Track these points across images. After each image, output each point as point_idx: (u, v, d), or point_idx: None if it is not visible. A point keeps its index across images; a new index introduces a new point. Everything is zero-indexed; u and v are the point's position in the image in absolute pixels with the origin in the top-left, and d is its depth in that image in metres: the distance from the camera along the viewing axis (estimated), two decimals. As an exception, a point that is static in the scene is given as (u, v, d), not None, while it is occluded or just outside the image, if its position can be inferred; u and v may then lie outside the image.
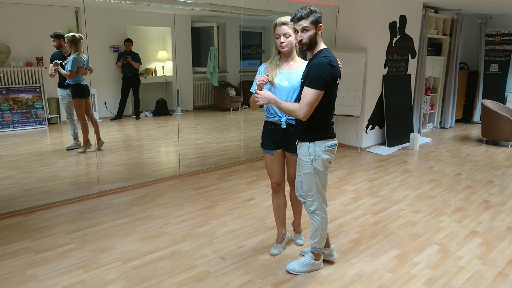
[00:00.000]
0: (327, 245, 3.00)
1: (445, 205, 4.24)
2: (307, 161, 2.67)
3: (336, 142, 2.71)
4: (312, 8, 2.52)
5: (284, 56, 2.87)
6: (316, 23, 2.52)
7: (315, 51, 2.59)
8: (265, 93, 2.59)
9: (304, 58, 2.98)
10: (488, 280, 2.87)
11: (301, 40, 2.54)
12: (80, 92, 4.74)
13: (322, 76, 2.46)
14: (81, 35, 4.54)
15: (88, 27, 4.28)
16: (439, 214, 4.00)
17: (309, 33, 2.52)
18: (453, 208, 4.17)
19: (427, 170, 5.45)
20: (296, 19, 2.52)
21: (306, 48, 2.59)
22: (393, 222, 3.80)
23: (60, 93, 4.77)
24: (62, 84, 4.74)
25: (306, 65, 2.65)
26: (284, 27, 2.73)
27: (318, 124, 2.63)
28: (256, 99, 2.61)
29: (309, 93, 2.48)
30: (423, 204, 4.24)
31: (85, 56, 4.62)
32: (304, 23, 2.50)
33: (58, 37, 4.51)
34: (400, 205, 4.20)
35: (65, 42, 4.52)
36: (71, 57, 4.53)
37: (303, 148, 2.68)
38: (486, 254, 3.22)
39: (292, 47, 2.81)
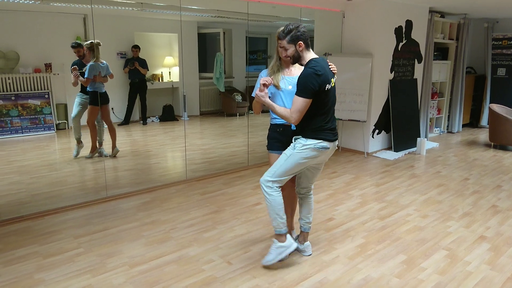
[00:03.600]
0: (304, 240, 3.15)
1: (452, 210, 4.22)
2: (291, 147, 2.83)
3: (327, 144, 2.80)
4: (290, 27, 2.71)
5: (285, 62, 3.00)
6: (294, 41, 2.71)
7: (304, 63, 2.77)
8: (265, 95, 2.80)
9: None
10: (497, 285, 2.84)
11: (285, 55, 2.78)
12: (95, 100, 4.79)
13: (308, 85, 2.64)
14: (98, 41, 4.57)
15: (96, 33, 4.33)
16: (446, 219, 3.98)
17: (290, 50, 2.74)
18: (461, 213, 4.14)
19: (434, 175, 5.42)
20: (276, 37, 2.78)
21: (291, 62, 2.82)
22: (400, 227, 3.78)
23: (79, 97, 4.84)
24: (84, 89, 4.81)
25: None
26: None
27: (315, 127, 2.78)
28: (256, 96, 2.81)
29: (298, 101, 2.68)
30: (431, 209, 4.22)
31: (103, 61, 4.66)
32: (282, 43, 2.76)
33: (79, 46, 4.56)
34: (407, 210, 4.18)
35: (84, 51, 4.58)
36: (88, 65, 4.60)
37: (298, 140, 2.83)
38: (495, 260, 3.20)
39: None
